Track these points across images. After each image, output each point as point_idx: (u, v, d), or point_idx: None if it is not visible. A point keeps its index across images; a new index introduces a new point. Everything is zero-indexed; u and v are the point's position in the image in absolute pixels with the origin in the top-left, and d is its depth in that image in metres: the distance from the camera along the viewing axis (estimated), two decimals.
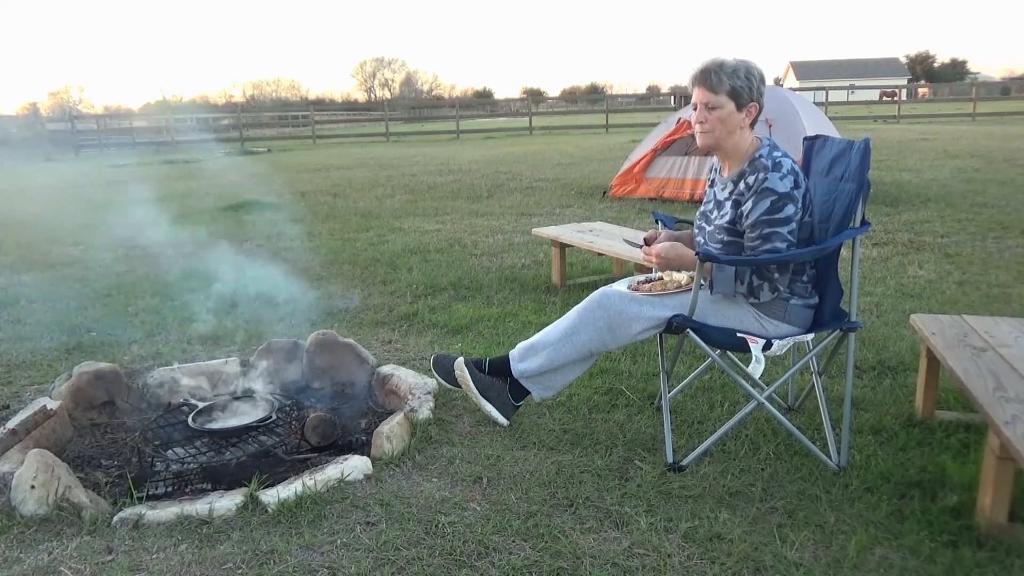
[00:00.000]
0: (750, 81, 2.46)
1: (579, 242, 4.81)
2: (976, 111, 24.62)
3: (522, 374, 2.80)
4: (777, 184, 2.42)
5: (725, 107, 2.47)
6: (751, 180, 2.47)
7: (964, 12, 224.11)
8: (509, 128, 29.27)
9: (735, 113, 2.48)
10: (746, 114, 2.49)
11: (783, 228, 2.43)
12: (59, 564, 2.12)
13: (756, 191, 2.45)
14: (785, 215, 2.42)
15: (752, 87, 2.47)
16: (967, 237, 6.14)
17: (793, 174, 2.45)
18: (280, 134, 28.05)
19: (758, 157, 2.49)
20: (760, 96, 2.49)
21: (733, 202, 2.53)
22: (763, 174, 2.44)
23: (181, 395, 3.26)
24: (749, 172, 2.49)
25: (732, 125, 2.50)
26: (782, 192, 2.42)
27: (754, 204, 2.45)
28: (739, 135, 2.53)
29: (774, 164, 2.45)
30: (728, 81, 2.45)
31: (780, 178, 2.43)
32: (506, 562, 2.07)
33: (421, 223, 7.88)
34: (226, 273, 5.49)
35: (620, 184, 9.05)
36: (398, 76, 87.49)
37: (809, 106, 9.30)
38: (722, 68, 2.46)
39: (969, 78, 69.64)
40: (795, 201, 2.43)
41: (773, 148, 2.53)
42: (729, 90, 2.46)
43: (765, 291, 2.48)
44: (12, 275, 5.99)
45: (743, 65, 2.48)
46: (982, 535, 2.09)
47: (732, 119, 2.49)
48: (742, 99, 2.47)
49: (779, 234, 2.43)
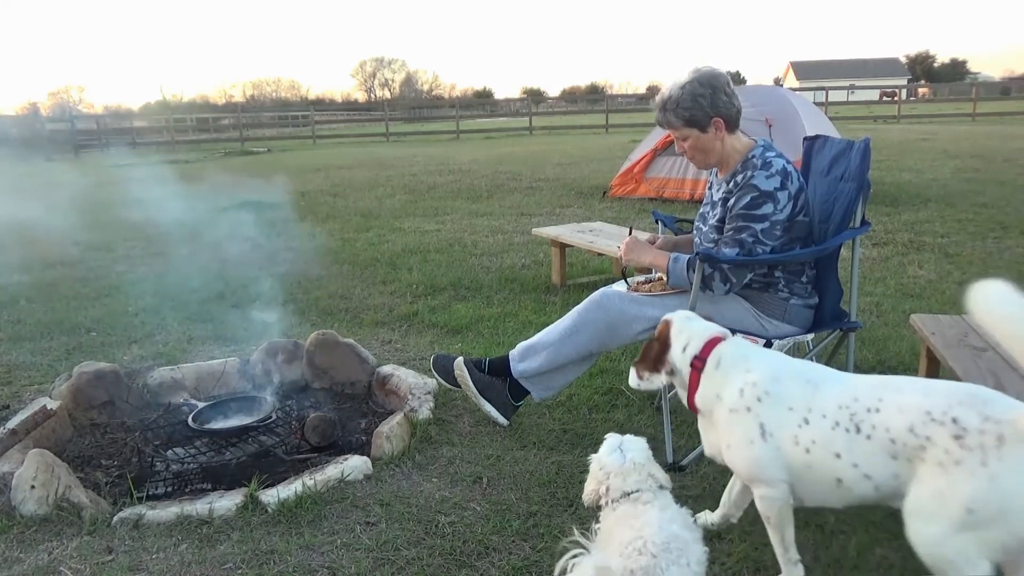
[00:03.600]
0: (698, 103, 2.46)
1: (579, 242, 4.81)
2: (976, 111, 24.62)
3: (522, 374, 2.80)
4: (761, 182, 2.43)
5: (690, 135, 2.53)
6: (740, 178, 2.49)
7: (964, 12, 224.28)
8: (509, 128, 29.26)
9: (701, 135, 2.52)
10: (714, 129, 2.50)
11: (756, 224, 2.43)
12: (59, 564, 2.12)
13: (741, 186, 2.47)
14: (761, 212, 2.43)
15: (703, 107, 2.47)
16: (967, 237, 6.14)
17: (782, 175, 2.45)
18: (280, 134, 28.04)
19: (751, 157, 2.51)
20: (719, 107, 2.47)
21: (723, 201, 2.55)
22: (751, 171, 2.47)
23: (181, 395, 3.26)
24: (740, 171, 2.51)
25: (706, 145, 2.54)
26: (764, 190, 2.43)
27: (737, 198, 2.47)
28: (721, 147, 2.55)
29: (764, 163, 2.46)
30: (677, 115, 2.50)
31: (766, 177, 2.44)
32: (506, 562, 2.07)
33: (421, 223, 7.88)
34: (226, 273, 5.50)
35: (620, 184, 9.05)
36: (398, 76, 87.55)
37: (809, 106, 9.30)
38: (667, 105, 2.51)
39: (969, 78, 69.62)
40: (776, 201, 2.43)
41: (767, 149, 2.53)
42: (684, 121, 2.50)
43: (717, 281, 2.47)
44: (12, 275, 5.99)
45: (688, 91, 2.47)
46: None
47: (702, 141, 2.53)
48: (700, 122, 2.50)
49: (750, 229, 2.44)
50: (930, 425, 1.53)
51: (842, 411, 1.67)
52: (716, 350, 1.91)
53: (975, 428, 1.49)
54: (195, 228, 7.18)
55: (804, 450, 1.71)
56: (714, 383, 1.89)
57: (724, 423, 1.85)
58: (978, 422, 1.49)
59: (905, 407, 1.59)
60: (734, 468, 1.89)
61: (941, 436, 1.51)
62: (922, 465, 1.54)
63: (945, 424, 1.52)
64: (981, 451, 1.46)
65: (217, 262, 5.93)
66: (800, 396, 1.75)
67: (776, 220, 2.44)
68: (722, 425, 1.86)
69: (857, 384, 1.73)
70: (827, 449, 1.68)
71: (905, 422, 1.57)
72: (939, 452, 1.51)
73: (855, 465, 1.64)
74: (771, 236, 2.44)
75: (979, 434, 1.48)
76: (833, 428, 1.67)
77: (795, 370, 1.83)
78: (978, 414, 1.50)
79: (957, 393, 1.57)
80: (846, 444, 1.65)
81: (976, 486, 1.46)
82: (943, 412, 1.53)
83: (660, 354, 2.00)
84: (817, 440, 1.69)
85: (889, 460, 1.60)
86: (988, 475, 1.45)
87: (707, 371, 1.90)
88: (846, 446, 1.65)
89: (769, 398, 1.78)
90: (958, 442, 1.49)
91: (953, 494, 1.48)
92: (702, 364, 1.91)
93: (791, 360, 1.90)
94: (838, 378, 1.77)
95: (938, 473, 1.51)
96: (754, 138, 2.60)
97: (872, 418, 1.63)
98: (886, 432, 1.60)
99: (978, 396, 1.55)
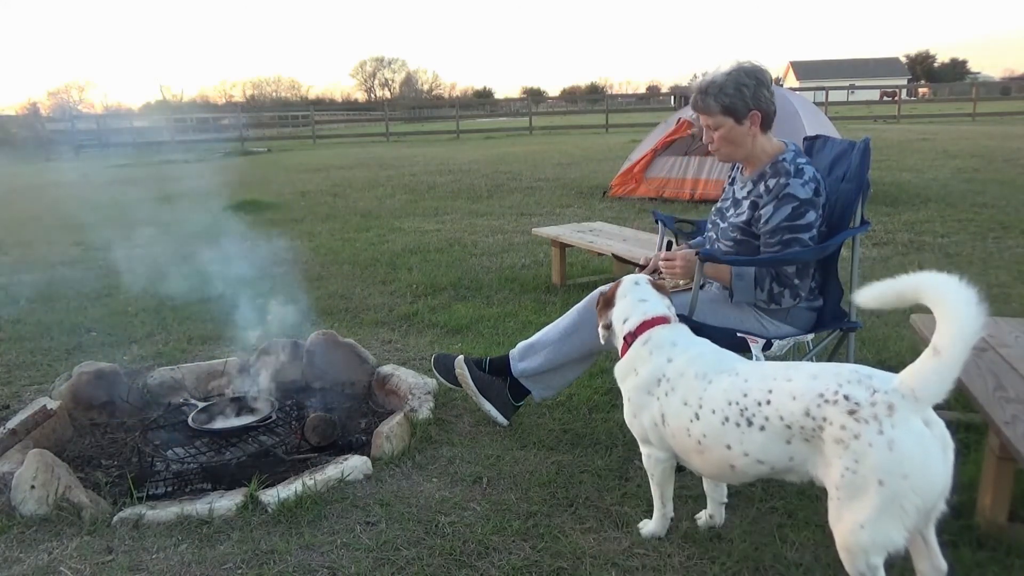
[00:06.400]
0: (741, 92, 2.42)
1: (579, 242, 4.81)
2: (976, 111, 24.61)
3: (522, 373, 2.80)
4: (799, 190, 2.40)
5: (724, 124, 2.47)
6: (771, 184, 2.44)
7: (964, 12, 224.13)
8: (509, 128, 29.25)
9: (736, 127, 2.47)
10: (749, 123, 2.46)
11: (804, 234, 2.41)
12: (59, 564, 2.12)
13: (777, 196, 2.42)
14: (806, 221, 2.41)
15: (745, 97, 2.43)
16: (967, 237, 6.14)
17: (815, 181, 2.43)
18: (280, 134, 28.03)
19: (781, 161, 2.47)
20: (760, 101, 2.45)
21: (751, 203, 2.51)
22: (784, 179, 2.42)
23: (181, 395, 3.26)
24: (770, 175, 2.47)
25: (737, 138, 2.49)
26: (803, 198, 2.40)
27: (775, 209, 2.42)
28: (752, 143, 2.50)
29: (796, 170, 2.42)
30: (717, 100, 2.44)
31: (802, 184, 2.41)
32: (506, 562, 2.07)
33: (421, 223, 7.88)
34: (226, 273, 5.49)
35: (620, 184, 9.04)
36: (398, 76, 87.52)
37: (809, 106, 9.30)
38: (709, 89, 2.45)
39: (969, 78, 69.61)
40: (816, 207, 2.41)
41: (798, 154, 2.50)
42: (722, 108, 2.45)
43: (787, 298, 2.45)
44: (12, 275, 6.00)
45: (732, 78, 2.43)
46: (982, 535, 2.09)
47: (734, 133, 2.48)
48: (738, 112, 2.44)
49: (800, 240, 2.41)
50: (825, 406, 1.63)
51: (732, 407, 1.79)
52: (650, 331, 2.06)
53: (866, 401, 1.58)
54: (195, 228, 7.18)
55: (696, 441, 1.87)
56: (636, 359, 2.05)
57: (631, 395, 2.06)
58: (868, 395, 1.59)
59: (798, 393, 1.69)
60: (634, 433, 2.10)
61: (836, 414, 1.61)
62: (822, 445, 1.64)
63: (838, 402, 1.61)
64: (876, 421, 1.56)
65: (217, 262, 5.93)
66: (694, 391, 1.88)
67: (818, 227, 2.42)
68: (626, 395, 2.09)
69: (749, 376, 1.82)
70: (718, 441, 1.82)
71: (800, 407, 1.67)
72: (836, 429, 1.60)
73: (746, 454, 1.78)
74: (816, 242, 2.42)
75: (871, 406, 1.57)
76: (723, 424, 1.80)
77: (705, 364, 1.92)
78: (866, 388, 1.60)
79: (843, 373, 1.67)
80: (737, 437, 1.78)
81: (879, 456, 1.54)
82: (834, 392, 1.63)
83: (603, 309, 2.23)
84: (708, 434, 1.84)
85: (784, 445, 1.72)
86: (886, 442, 1.54)
87: (635, 346, 2.07)
88: (737, 438, 1.78)
89: (674, 392, 1.93)
90: (853, 416, 1.58)
91: (861, 472, 1.56)
92: (633, 339, 2.08)
93: (710, 352, 1.99)
94: (734, 371, 1.86)
95: (840, 450, 1.60)
96: (784, 141, 2.56)
97: (764, 410, 1.74)
98: (780, 420, 1.71)
99: (862, 372, 1.65)
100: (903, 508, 1.54)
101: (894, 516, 1.55)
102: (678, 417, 1.91)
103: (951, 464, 1.58)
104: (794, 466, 1.74)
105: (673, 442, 1.96)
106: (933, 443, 1.55)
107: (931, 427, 1.56)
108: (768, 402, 1.73)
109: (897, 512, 1.55)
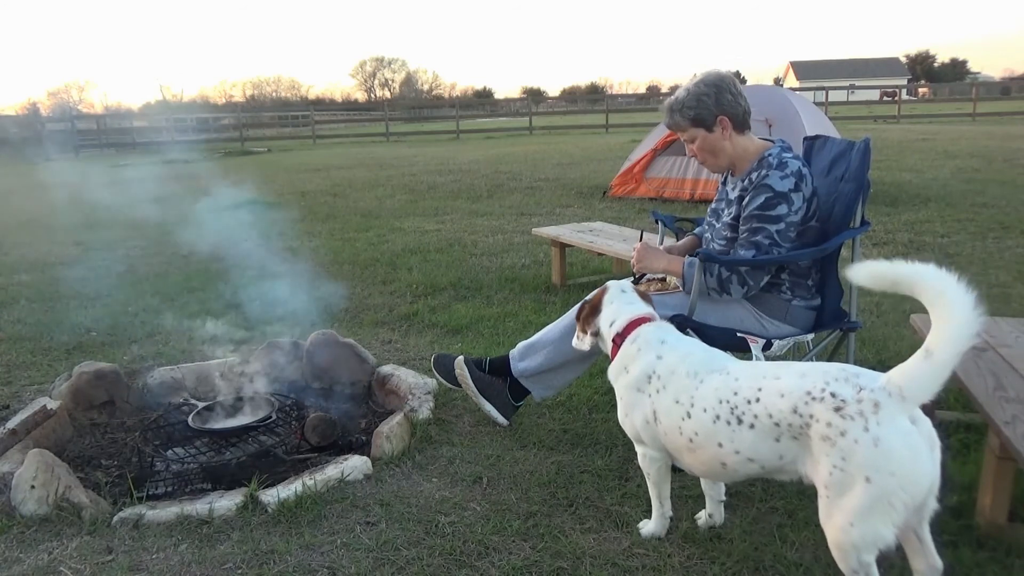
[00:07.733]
0: (702, 102, 2.49)
1: (579, 242, 4.81)
2: (976, 111, 24.60)
3: (522, 373, 2.80)
4: (776, 182, 2.42)
5: (697, 136, 2.55)
6: (755, 176, 2.48)
7: (964, 12, 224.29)
8: (509, 128, 29.24)
9: (708, 135, 2.53)
10: (720, 128, 2.51)
11: (771, 225, 2.42)
12: (59, 564, 2.12)
13: (756, 186, 2.46)
14: (776, 213, 2.42)
15: (708, 106, 2.49)
16: (967, 237, 6.14)
17: (796, 176, 2.44)
18: (280, 134, 28.02)
19: (767, 156, 2.50)
20: (723, 106, 2.49)
21: (738, 199, 2.54)
22: (765, 171, 2.45)
23: (181, 395, 3.26)
24: (756, 169, 2.50)
25: (714, 146, 2.55)
26: (778, 190, 2.42)
27: (751, 198, 2.47)
28: (730, 147, 2.55)
29: (779, 163, 2.45)
30: (683, 116, 2.52)
31: (781, 177, 2.43)
32: (506, 562, 2.07)
33: (421, 223, 7.88)
34: (226, 273, 5.50)
35: (620, 184, 9.05)
36: (398, 76, 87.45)
37: (809, 106, 9.30)
38: (674, 107, 2.54)
39: (969, 78, 69.61)
40: (790, 202, 2.42)
41: (784, 150, 2.52)
42: (690, 121, 2.52)
43: (735, 285, 2.47)
44: (12, 275, 6.00)
45: (692, 92, 2.51)
46: (982, 535, 2.09)
47: (709, 141, 2.54)
48: (706, 122, 2.51)
49: (765, 230, 2.43)
50: (812, 404, 1.64)
51: (723, 405, 1.81)
52: (637, 330, 2.09)
53: (852, 398, 1.60)
54: (195, 228, 7.17)
55: (688, 439, 1.89)
56: (626, 357, 2.07)
57: (623, 394, 2.07)
58: (854, 392, 1.61)
59: (786, 391, 1.70)
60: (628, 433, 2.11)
61: (823, 411, 1.62)
62: (810, 442, 1.66)
63: (825, 400, 1.63)
64: (862, 418, 1.57)
65: (217, 262, 5.94)
66: (686, 389, 1.90)
67: (791, 222, 2.43)
68: (619, 394, 2.09)
69: (740, 374, 1.84)
70: (710, 439, 1.84)
71: (788, 405, 1.69)
72: (823, 427, 1.62)
73: (737, 452, 1.80)
74: (786, 238, 2.44)
75: (857, 403, 1.59)
76: (714, 422, 1.82)
77: (696, 362, 1.94)
78: (852, 386, 1.62)
79: (831, 371, 1.68)
80: (728, 435, 1.80)
81: (865, 453, 1.55)
82: (821, 389, 1.64)
83: (589, 317, 2.23)
84: (699, 432, 1.86)
85: (773, 443, 1.74)
86: (872, 439, 1.55)
87: (624, 345, 2.09)
88: (728, 436, 1.80)
89: (666, 390, 1.94)
90: (839, 413, 1.60)
91: (849, 469, 1.57)
92: (622, 340, 2.10)
93: (700, 351, 2.01)
94: (725, 369, 1.88)
95: (827, 448, 1.61)
96: (772, 139, 2.59)
97: (753, 408, 1.75)
98: (769, 418, 1.72)
99: (849, 371, 1.67)
100: (891, 505, 1.55)
101: (882, 513, 1.56)
102: (670, 415, 1.93)
103: (938, 461, 1.59)
104: (784, 464, 1.75)
105: (665, 440, 1.97)
106: (919, 440, 1.56)
107: (918, 425, 1.58)
108: (757, 400, 1.75)
109: (885, 509, 1.55)
